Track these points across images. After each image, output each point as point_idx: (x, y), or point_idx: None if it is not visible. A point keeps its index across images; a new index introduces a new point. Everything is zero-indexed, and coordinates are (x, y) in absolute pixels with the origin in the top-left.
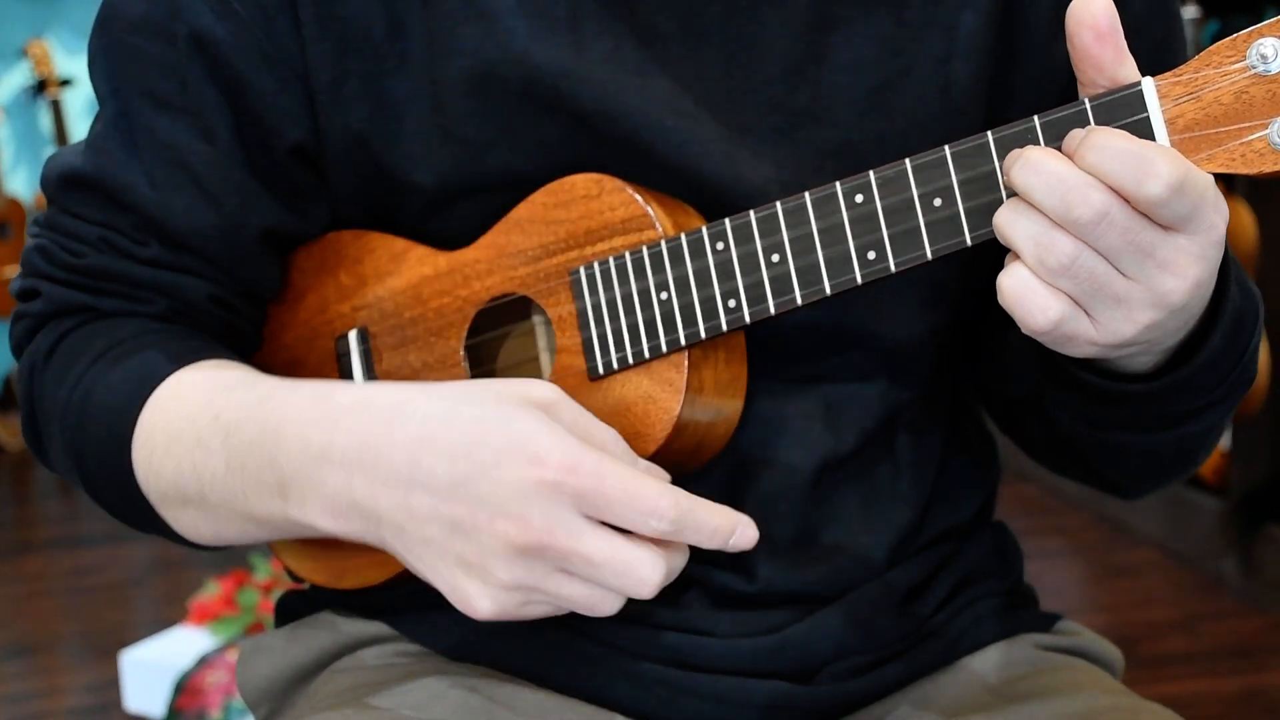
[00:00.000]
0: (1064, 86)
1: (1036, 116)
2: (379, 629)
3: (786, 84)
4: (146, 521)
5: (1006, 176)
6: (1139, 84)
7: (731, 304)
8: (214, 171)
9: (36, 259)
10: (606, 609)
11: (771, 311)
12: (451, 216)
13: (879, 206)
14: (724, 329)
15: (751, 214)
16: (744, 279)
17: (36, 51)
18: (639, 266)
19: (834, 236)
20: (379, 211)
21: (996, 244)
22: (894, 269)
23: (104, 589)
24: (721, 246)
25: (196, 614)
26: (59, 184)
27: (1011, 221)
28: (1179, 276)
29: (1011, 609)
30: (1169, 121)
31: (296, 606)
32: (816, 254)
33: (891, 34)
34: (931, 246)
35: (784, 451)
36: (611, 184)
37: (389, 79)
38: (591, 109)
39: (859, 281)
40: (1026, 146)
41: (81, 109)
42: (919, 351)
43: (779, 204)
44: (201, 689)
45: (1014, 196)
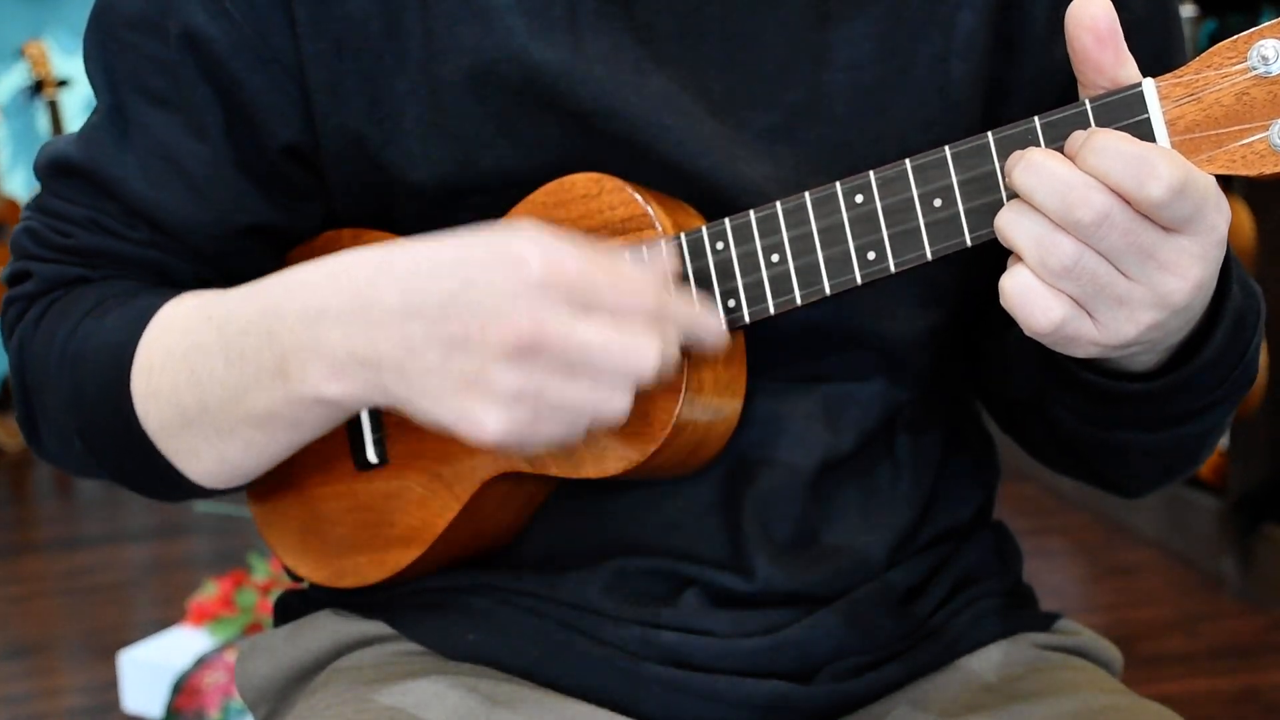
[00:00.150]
0: (1063, 86)
1: (1037, 117)
2: (378, 628)
3: (784, 82)
4: (148, 469)
5: (1008, 178)
6: (1140, 85)
7: (731, 304)
8: (204, 168)
9: (26, 241)
10: (616, 405)
11: (771, 311)
12: (450, 215)
13: (879, 206)
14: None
15: (751, 214)
16: (743, 279)
17: (34, 52)
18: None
19: (833, 236)
20: (377, 210)
21: (997, 245)
22: (894, 269)
23: (102, 589)
24: (721, 246)
25: (195, 614)
26: (50, 170)
27: (1013, 223)
28: (1180, 277)
29: (1011, 609)
30: (1170, 123)
31: (295, 606)
32: (816, 254)
33: (889, 33)
34: (931, 247)
35: (783, 451)
36: (611, 183)
37: (386, 78)
38: (590, 107)
39: (858, 281)
40: (1028, 148)
41: (79, 109)
42: (919, 351)
43: (779, 204)
44: (200, 689)
45: (1015, 198)
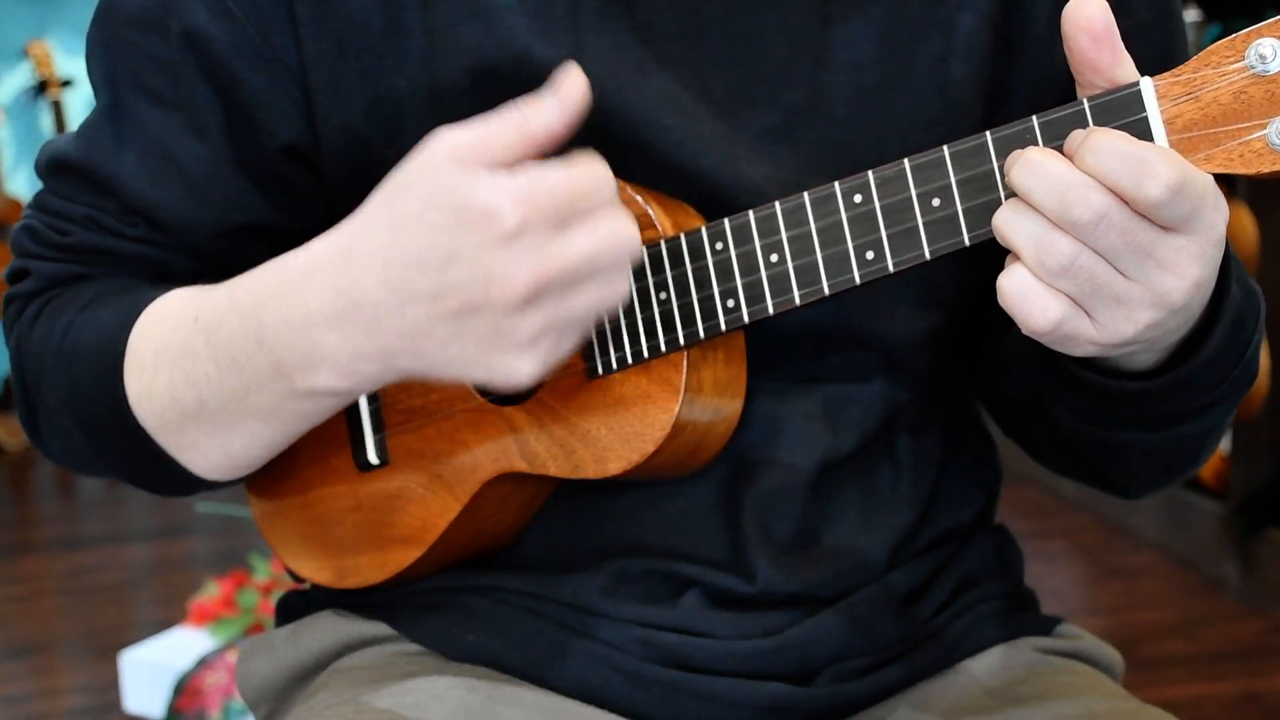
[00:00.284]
0: (1063, 86)
1: (1035, 116)
2: (379, 629)
3: (785, 83)
4: (148, 463)
5: (1006, 177)
6: (1137, 84)
7: (730, 304)
8: (202, 167)
9: (25, 239)
10: (621, 290)
11: (770, 311)
12: None
13: (877, 206)
14: (723, 329)
15: (750, 214)
16: (742, 279)
17: (37, 52)
18: (638, 266)
19: (832, 236)
20: None
21: (995, 244)
22: (892, 269)
23: (103, 589)
24: (720, 246)
25: (196, 615)
26: (49, 168)
27: (1011, 222)
28: (1179, 276)
29: (1012, 612)
30: (1167, 121)
31: (297, 606)
32: (815, 254)
33: (890, 33)
34: (930, 246)
35: (784, 452)
36: None
37: (388, 77)
38: (591, 107)
39: (857, 281)
40: (1026, 147)
41: (82, 109)
42: (919, 352)
43: (778, 204)
44: (201, 690)
45: (1013, 197)
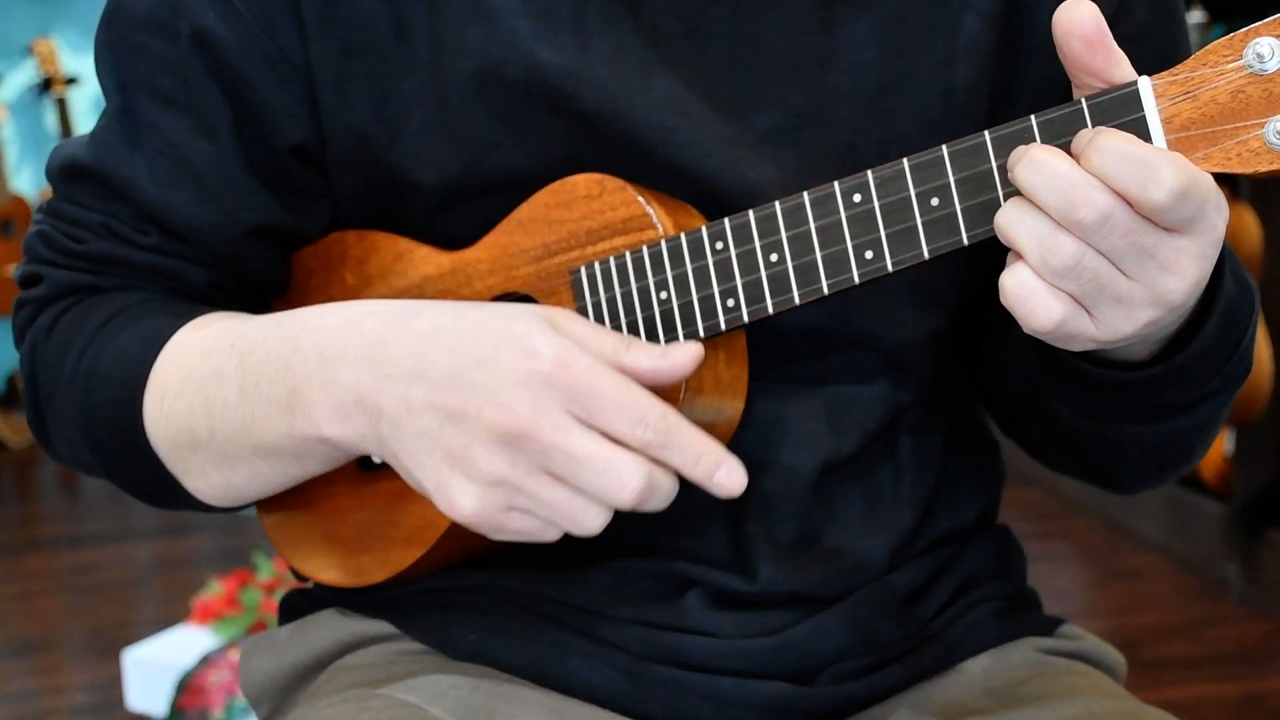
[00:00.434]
0: (1065, 88)
1: (1033, 116)
2: (381, 627)
3: (789, 85)
4: (155, 483)
5: (1010, 173)
6: (1135, 83)
7: (730, 303)
8: (213, 169)
9: (38, 245)
10: (589, 521)
11: (770, 311)
12: (455, 216)
13: (877, 206)
14: (723, 328)
15: (750, 214)
16: (742, 278)
17: (42, 49)
18: (639, 266)
19: (832, 236)
20: (383, 211)
21: (994, 245)
22: (891, 269)
23: (106, 587)
24: (721, 246)
25: (199, 613)
26: (61, 174)
27: (1014, 221)
28: (1179, 276)
29: (1013, 612)
30: (1165, 120)
31: (301, 605)
32: (814, 253)
33: (894, 36)
34: (929, 246)
35: (785, 453)
36: (613, 184)
37: (393, 79)
38: (595, 109)
39: (856, 281)
40: (1032, 144)
41: (87, 107)
42: (920, 353)
43: (777, 204)
44: (204, 688)
45: (1017, 196)
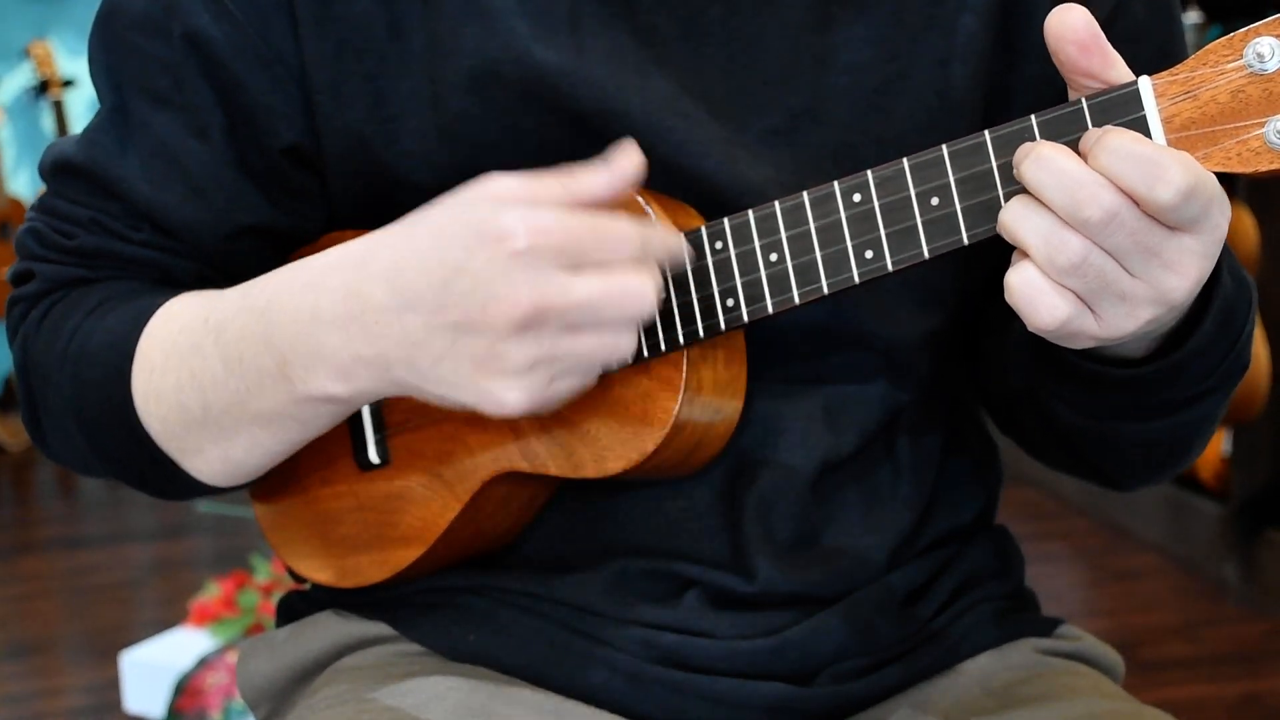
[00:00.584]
0: (1062, 88)
1: (1034, 115)
2: (379, 629)
3: (786, 85)
4: (150, 467)
5: (1016, 170)
6: (1135, 83)
7: (729, 303)
8: (205, 169)
9: (29, 241)
10: (624, 346)
11: (769, 310)
12: None
13: (876, 206)
14: (722, 328)
15: (750, 213)
16: (742, 278)
17: (39, 52)
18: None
19: (831, 235)
20: (380, 212)
21: (994, 244)
22: (891, 268)
23: (104, 590)
24: (720, 246)
25: (197, 615)
26: (53, 171)
27: (1021, 219)
28: (1182, 275)
29: (1012, 613)
30: (1165, 120)
31: (299, 607)
32: (814, 253)
33: (890, 36)
34: (929, 245)
35: (784, 453)
36: None
37: (389, 79)
38: (591, 109)
39: (856, 281)
40: (1039, 141)
41: (84, 110)
42: (919, 353)
43: (777, 203)
44: (202, 690)
45: (1022, 194)
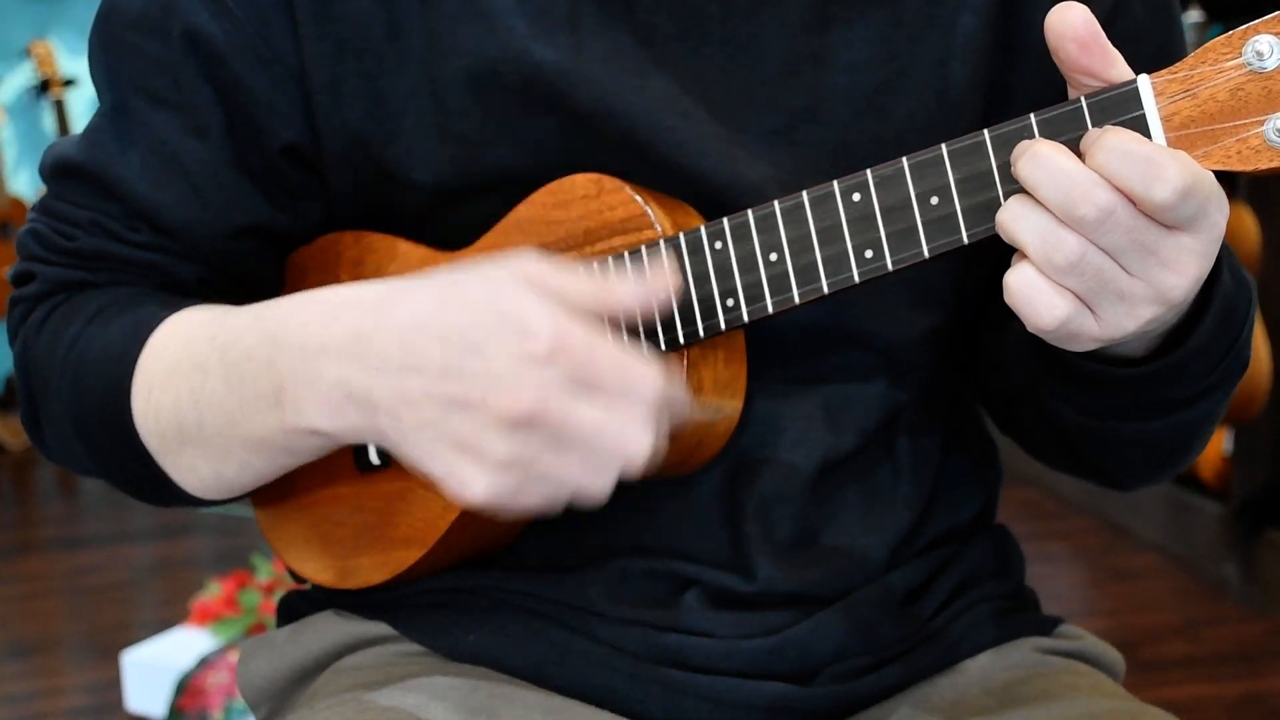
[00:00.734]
0: (1061, 88)
1: (1033, 114)
2: (380, 629)
3: (785, 84)
4: (147, 480)
5: (1013, 168)
6: (1135, 81)
7: (729, 303)
8: (204, 168)
9: (30, 242)
10: (600, 486)
11: (769, 310)
12: (451, 216)
13: (876, 205)
14: (722, 328)
15: (750, 213)
16: (742, 278)
17: (40, 51)
18: (638, 266)
19: (831, 235)
20: (379, 212)
21: (994, 244)
22: (891, 268)
23: (105, 589)
24: (720, 246)
25: (198, 614)
26: (53, 172)
27: (1018, 218)
28: (1180, 274)
29: (1012, 612)
30: (1165, 118)
31: (299, 607)
32: (814, 253)
33: (889, 35)
34: (929, 245)
35: (784, 452)
36: (611, 183)
37: (388, 78)
38: (590, 108)
39: (856, 280)
40: (1036, 139)
41: (85, 109)
42: (919, 353)
43: (777, 203)
44: (203, 690)
45: (1019, 193)
